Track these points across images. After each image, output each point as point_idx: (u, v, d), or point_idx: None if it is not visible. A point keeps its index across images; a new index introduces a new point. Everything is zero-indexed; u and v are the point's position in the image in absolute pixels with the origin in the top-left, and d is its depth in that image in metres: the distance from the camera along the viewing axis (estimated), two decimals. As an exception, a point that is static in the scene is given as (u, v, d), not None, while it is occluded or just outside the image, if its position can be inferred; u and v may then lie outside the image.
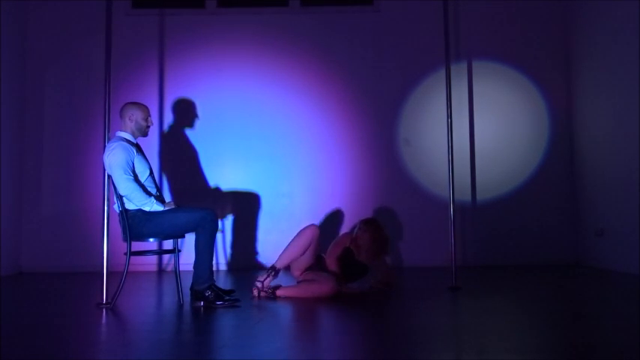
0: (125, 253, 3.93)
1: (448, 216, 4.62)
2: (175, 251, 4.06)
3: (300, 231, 4.24)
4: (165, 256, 6.12)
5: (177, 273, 4.05)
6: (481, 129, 6.27)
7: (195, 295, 3.89)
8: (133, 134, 4.04)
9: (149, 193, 3.91)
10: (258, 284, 4.12)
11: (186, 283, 4.06)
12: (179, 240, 4.10)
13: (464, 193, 6.13)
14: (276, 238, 6.10)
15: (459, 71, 6.17)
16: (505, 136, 6.28)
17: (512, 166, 6.23)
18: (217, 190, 6.24)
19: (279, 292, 4.11)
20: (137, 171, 3.94)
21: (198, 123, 6.28)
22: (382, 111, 6.30)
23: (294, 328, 3.36)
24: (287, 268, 4.33)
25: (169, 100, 6.29)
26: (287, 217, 6.08)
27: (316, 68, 6.34)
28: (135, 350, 2.84)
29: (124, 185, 3.82)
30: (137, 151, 3.98)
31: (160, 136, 6.28)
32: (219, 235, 6.06)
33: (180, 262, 4.15)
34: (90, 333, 3.27)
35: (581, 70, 6.08)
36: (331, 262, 4.28)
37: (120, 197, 3.87)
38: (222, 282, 5.04)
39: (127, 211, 3.88)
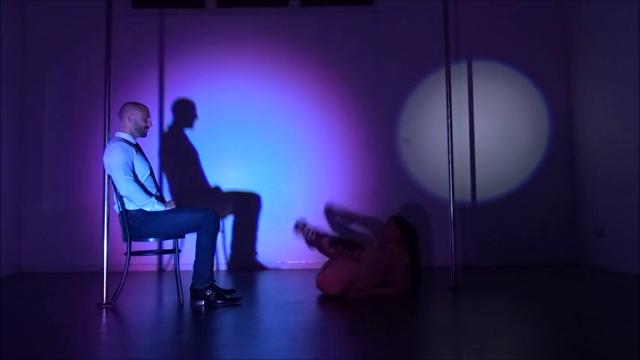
0: (125, 253, 3.94)
1: (448, 216, 4.62)
2: (175, 251, 4.07)
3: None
4: (165, 256, 6.12)
5: (177, 273, 4.05)
6: (481, 129, 6.27)
7: (196, 294, 3.90)
8: (132, 134, 4.04)
9: (149, 193, 3.91)
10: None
11: (186, 283, 4.06)
12: (179, 240, 4.10)
13: (464, 193, 6.13)
14: (276, 238, 6.11)
15: (459, 71, 6.17)
16: (505, 136, 6.28)
17: (512, 166, 6.23)
18: (217, 190, 6.24)
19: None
20: (137, 171, 3.94)
21: (198, 123, 6.28)
22: (382, 111, 6.30)
23: (294, 327, 3.36)
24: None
25: (169, 100, 6.29)
26: (287, 217, 6.06)
27: (316, 68, 6.34)
28: (135, 350, 2.84)
29: (125, 186, 3.82)
30: (136, 151, 3.98)
31: (160, 136, 6.27)
32: (219, 235, 6.05)
33: (180, 262, 4.15)
34: (90, 333, 3.28)
35: (581, 70, 6.07)
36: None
37: (120, 198, 3.87)
38: (223, 282, 5.04)
39: (127, 211, 3.88)
